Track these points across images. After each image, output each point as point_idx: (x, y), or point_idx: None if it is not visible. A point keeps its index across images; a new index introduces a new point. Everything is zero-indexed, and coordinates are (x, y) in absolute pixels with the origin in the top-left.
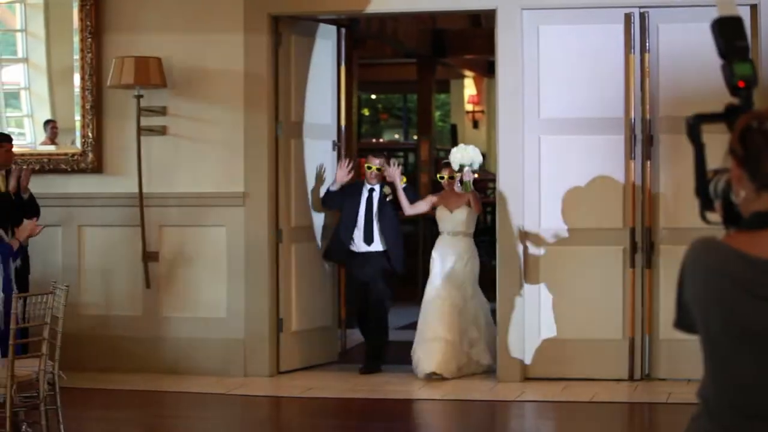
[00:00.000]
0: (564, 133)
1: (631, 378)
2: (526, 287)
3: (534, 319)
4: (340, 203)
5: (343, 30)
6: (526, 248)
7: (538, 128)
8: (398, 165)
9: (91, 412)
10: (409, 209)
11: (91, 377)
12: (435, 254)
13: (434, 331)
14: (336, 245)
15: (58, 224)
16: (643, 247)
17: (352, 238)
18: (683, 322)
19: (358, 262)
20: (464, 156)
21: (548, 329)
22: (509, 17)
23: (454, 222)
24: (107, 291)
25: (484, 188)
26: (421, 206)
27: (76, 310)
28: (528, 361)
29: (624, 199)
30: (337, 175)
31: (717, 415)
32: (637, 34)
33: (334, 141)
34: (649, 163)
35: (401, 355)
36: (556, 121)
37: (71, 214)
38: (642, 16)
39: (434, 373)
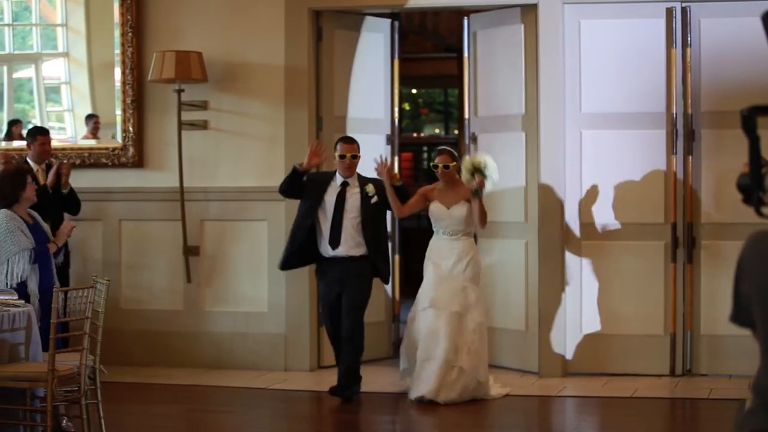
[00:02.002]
0: (605, 128)
1: (672, 373)
2: (568, 282)
3: (575, 314)
4: (300, 192)
5: (396, 23)
6: (567, 244)
7: (580, 123)
8: (385, 159)
9: (131, 406)
10: (404, 209)
11: (132, 372)
12: (429, 258)
13: (427, 351)
14: (294, 250)
15: (99, 218)
16: (684, 243)
17: (315, 242)
18: (739, 316)
19: (326, 268)
20: (481, 161)
21: (589, 324)
22: (551, 12)
23: (452, 220)
24: (148, 285)
25: None
26: (417, 205)
27: (116, 305)
28: (569, 356)
29: (665, 194)
30: (307, 157)
31: None
32: (679, 28)
33: (387, 135)
34: (690, 158)
35: None
36: (598, 115)
37: (112, 209)
38: (684, 10)
39: (430, 400)
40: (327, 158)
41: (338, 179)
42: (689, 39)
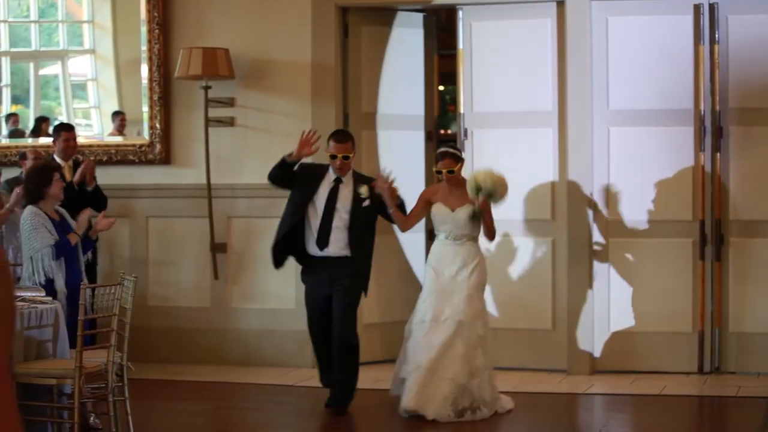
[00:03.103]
0: (633, 125)
1: (700, 371)
2: (596, 280)
3: (603, 312)
4: (290, 182)
5: (433, 18)
6: (595, 241)
7: (608, 120)
8: (387, 175)
9: (158, 403)
10: (409, 220)
11: (159, 369)
12: (429, 264)
13: (427, 364)
14: (282, 248)
15: (126, 215)
16: (712, 240)
17: (303, 239)
18: None
19: (314, 269)
20: (485, 180)
21: (617, 322)
22: (578, 8)
23: (457, 223)
24: (175, 282)
25: None
26: (420, 214)
27: (144, 302)
28: (597, 354)
29: (693, 191)
30: (298, 147)
31: None
32: (707, 25)
33: (428, 131)
34: (718, 155)
35: None
36: (625, 112)
37: (139, 206)
38: (711, 7)
39: (423, 417)
40: (319, 148)
41: (332, 174)
42: (717, 36)
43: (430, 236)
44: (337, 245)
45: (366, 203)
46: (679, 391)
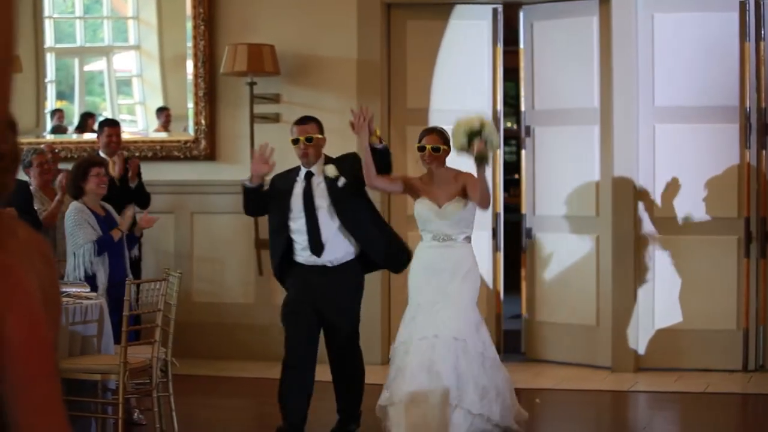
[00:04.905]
0: (678, 122)
1: (745, 369)
2: (640, 277)
3: (648, 309)
4: (264, 205)
5: (499, 8)
6: (639, 238)
7: (653, 117)
8: (364, 109)
9: (203, 399)
10: (375, 179)
11: (204, 364)
12: (415, 270)
13: (417, 391)
14: (279, 262)
15: (171, 211)
16: (757, 237)
17: (292, 249)
18: None
19: (302, 275)
20: (476, 122)
21: (662, 319)
22: (624, 4)
23: (445, 221)
24: (220, 278)
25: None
26: (393, 184)
27: (188, 297)
28: (642, 351)
29: (738, 188)
30: (252, 167)
31: None
32: (753, 22)
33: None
34: (764, 152)
35: (513, 344)
36: (671, 109)
37: (183, 202)
38: (757, 3)
39: None
40: (275, 164)
41: (302, 172)
42: (763, 32)
43: (494, 235)
44: (333, 248)
45: (341, 183)
46: (723, 389)
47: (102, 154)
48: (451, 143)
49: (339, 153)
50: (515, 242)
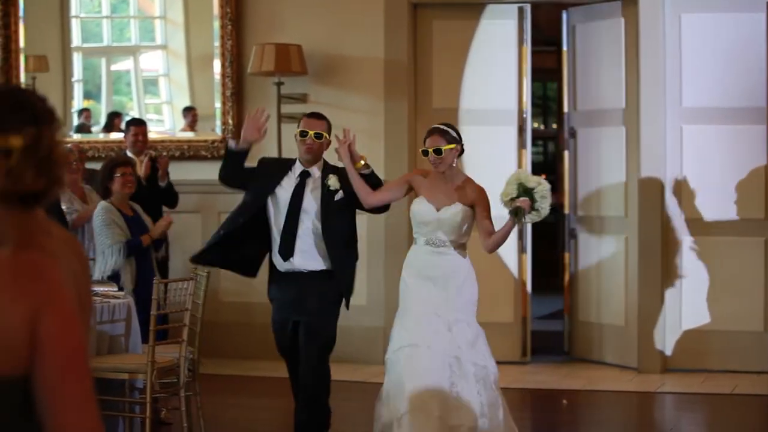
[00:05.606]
0: (706, 123)
1: None
2: (667, 278)
3: (675, 310)
4: (245, 180)
5: (526, 7)
6: (666, 239)
7: (680, 118)
8: (347, 132)
9: (229, 398)
10: (370, 197)
11: (231, 364)
12: (407, 276)
13: (416, 401)
14: (213, 250)
15: (198, 211)
16: None
17: (262, 248)
18: None
19: (278, 286)
20: (533, 180)
21: (689, 321)
22: (651, 5)
23: (440, 225)
24: (247, 278)
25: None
26: (393, 191)
27: (216, 297)
28: (668, 352)
29: (766, 189)
30: (243, 130)
31: None
32: None
33: (520, 126)
34: None
35: (549, 345)
36: (698, 110)
37: (211, 201)
38: None
39: None
40: (267, 133)
41: (297, 168)
42: None
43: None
44: (305, 256)
45: (338, 196)
46: (750, 391)
47: (129, 154)
48: (501, 191)
49: (364, 152)
50: (546, 243)
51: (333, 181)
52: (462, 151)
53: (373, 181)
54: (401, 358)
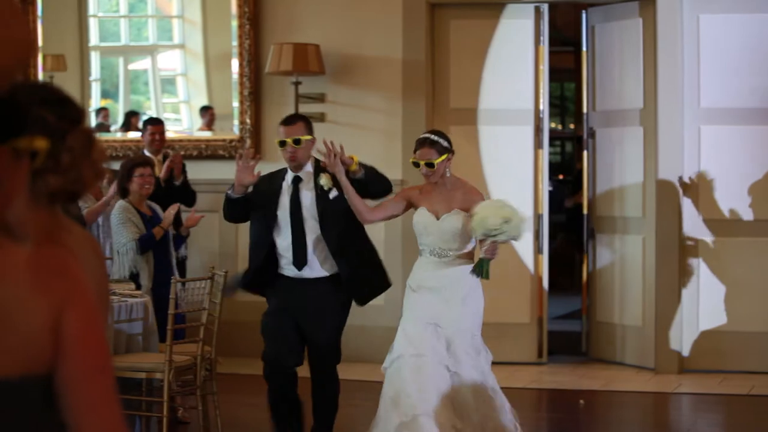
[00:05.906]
0: (724, 123)
1: None
2: (685, 278)
3: (692, 311)
4: (246, 212)
5: (543, 7)
6: (684, 240)
7: (698, 118)
8: (330, 144)
9: (247, 398)
10: (368, 215)
11: (248, 363)
12: (411, 287)
13: (411, 408)
14: (253, 274)
15: (216, 210)
16: None
17: (275, 262)
18: None
19: (284, 287)
20: (492, 218)
21: (706, 321)
22: (669, 6)
23: (443, 234)
24: None
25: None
26: (392, 208)
27: (233, 296)
28: (686, 353)
29: None
30: (236, 175)
31: None
32: None
33: (537, 126)
34: None
35: (568, 344)
36: (716, 110)
37: None
38: None
39: None
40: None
41: (289, 176)
42: None
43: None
44: (318, 262)
45: (332, 194)
46: (767, 392)
47: (147, 153)
48: (471, 225)
49: (384, 153)
50: (564, 242)
51: (325, 180)
52: (453, 155)
53: (373, 186)
54: (402, 367)
